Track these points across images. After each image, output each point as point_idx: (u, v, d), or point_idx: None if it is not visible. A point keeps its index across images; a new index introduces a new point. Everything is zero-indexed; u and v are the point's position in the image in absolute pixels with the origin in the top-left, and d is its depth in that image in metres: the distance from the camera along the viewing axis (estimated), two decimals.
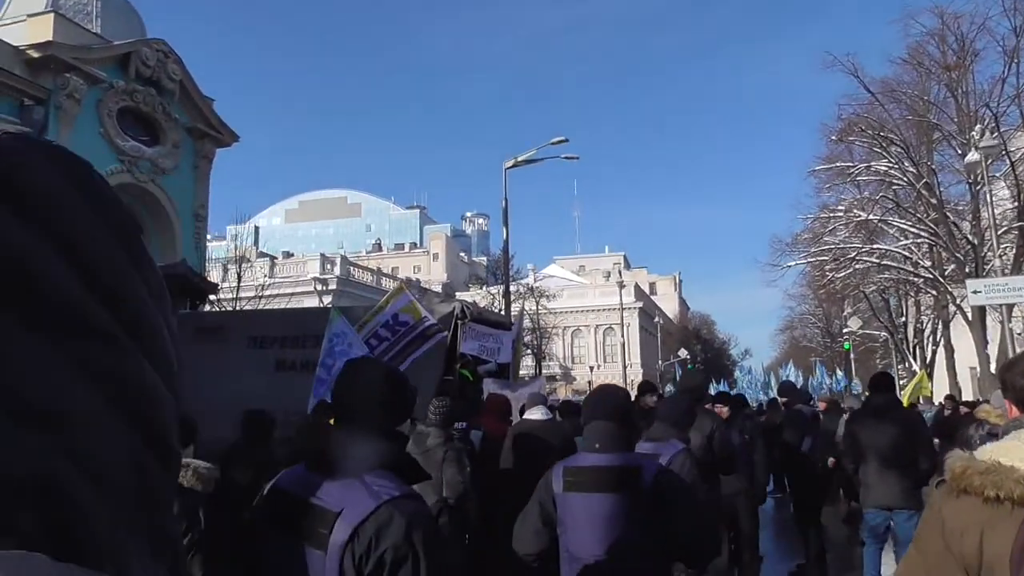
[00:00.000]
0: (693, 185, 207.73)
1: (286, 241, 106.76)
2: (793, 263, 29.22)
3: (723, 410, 6.91)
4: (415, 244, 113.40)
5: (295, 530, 1.76)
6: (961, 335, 27.39)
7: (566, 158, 22.85)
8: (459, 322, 9.61)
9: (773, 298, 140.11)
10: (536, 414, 5.80)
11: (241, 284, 27.05)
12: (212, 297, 20.44)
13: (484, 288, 36.36)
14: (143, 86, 18.82)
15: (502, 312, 19.74)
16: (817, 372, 35.45)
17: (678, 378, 56.16)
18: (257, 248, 77.18)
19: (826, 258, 27.96)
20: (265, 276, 35.98)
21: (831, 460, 8.41)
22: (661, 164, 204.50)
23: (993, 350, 23.40)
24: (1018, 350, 15.02)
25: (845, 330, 39.99)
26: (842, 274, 28.56)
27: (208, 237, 23.97)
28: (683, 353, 59.95)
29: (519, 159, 21.45)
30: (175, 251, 19.32)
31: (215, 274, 26.70)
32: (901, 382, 25.75)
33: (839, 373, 41.33)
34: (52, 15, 17.12)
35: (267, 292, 28.39)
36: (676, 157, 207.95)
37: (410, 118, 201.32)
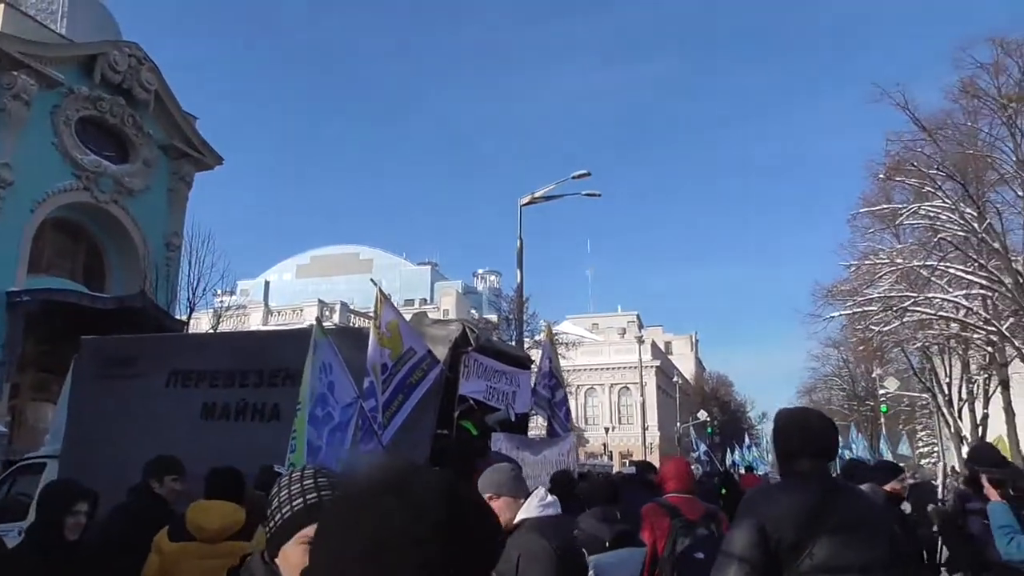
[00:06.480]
0: (712, 245, 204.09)
1: (297, 296, 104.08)
2: (837, 314, 26.48)
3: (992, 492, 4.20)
4: (425, 300, 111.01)
5: None
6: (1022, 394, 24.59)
7: (587, 195, 21.86)
8: (461, 352, 6.91)
9: (793, 360, 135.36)
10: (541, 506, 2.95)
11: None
12: None
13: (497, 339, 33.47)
14: (110, 94, 16.55)
15: None
16: (851, 436, 31.64)
17: (695, 441, 52.09)
18: (267, 302, 74.93)
19: (874, 308, 25.23)
20: (260, 325, 33.46)
21: None
22: (673, 224, 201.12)
23: None
24: None
25: (881, 391, 36.94)
26: (889, 327, 25.84)
27: (217, 292, 21.29)
28: (703, 415, 56.94)
29: (536, 195, 20.46)
30: (139, 283, 16.83)
31: (205, 322, 24.28)
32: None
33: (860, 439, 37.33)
34: (2, 6, 15.00)
35: None
36: (690, 217, 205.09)
37: (426, 177, 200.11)
